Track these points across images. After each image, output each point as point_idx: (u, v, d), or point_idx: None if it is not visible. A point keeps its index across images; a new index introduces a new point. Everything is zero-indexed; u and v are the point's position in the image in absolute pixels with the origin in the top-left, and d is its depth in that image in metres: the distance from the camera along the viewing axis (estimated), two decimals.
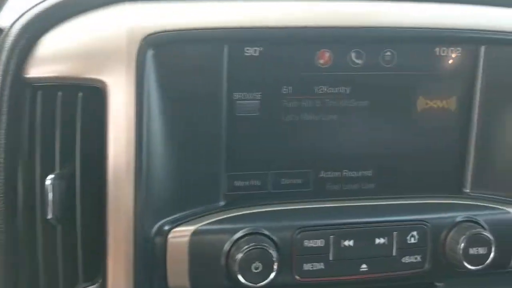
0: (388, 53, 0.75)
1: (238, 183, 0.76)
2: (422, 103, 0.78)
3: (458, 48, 0.77)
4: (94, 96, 0.67)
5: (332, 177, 0.78)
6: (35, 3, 0.68)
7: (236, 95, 0.73)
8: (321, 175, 0.78)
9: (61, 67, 0.67)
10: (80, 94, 0.67)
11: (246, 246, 0.68)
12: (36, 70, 0.67)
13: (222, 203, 0.75)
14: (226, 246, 0.70)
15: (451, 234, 0.76)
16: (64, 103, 0.68)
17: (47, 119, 0.68)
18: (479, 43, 0.77)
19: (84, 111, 0.67)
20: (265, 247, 0.69)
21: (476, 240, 0.74)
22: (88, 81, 0.66)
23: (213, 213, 0.73)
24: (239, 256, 0.68)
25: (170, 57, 0.68)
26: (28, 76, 0.67)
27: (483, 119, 0.80)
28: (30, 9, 0.68)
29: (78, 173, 0.68)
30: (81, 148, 0.68)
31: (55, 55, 0.67)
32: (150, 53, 0.66)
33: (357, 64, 0.75)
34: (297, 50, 0.73)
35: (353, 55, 0.75)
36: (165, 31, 0.67)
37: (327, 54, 0.74)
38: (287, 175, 0.77)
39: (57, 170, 0.68)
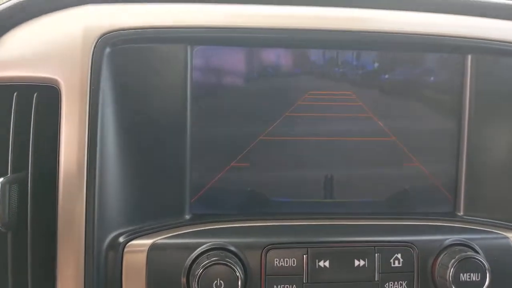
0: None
1: None
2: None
3: (444, 57, 0.73)
4: (50, 97, 0.64)
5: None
6: None
7: None
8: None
9: (17, 68, 0.65)
10: (36, 94, 0.64)
11: (207, 261, 0.62)
12: None
13: (187, 216, 0.70)
14: (187, 262, 0.64)
15: (440, 258, 0.68)
16: (21, 105, 0.65)
17: (3, 121, 0.65)
18: (465, 51, 0.72)
19: (40, 112, 0.64)
20: (228, 264, 0.62)
21: (467, 265, 0.66)
22: (43, 80, 0.64)
23: (176, 227, 0.67)
24: (199, 272, 0.62)
25: (129, 57, 0.66)
26: None
27: (474, 135, 0.74)
28: None
29: (30, 177, 0.64)
30: (35, 151, 0.64)
31: (12, 56, 0.66)
32: (107, 51, 0.64)
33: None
34: None
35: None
36: (123, 29, 0.64)
37: None
38: None
39: (9, 174, 0.64)
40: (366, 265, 0.67)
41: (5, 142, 0.65)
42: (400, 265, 0.67)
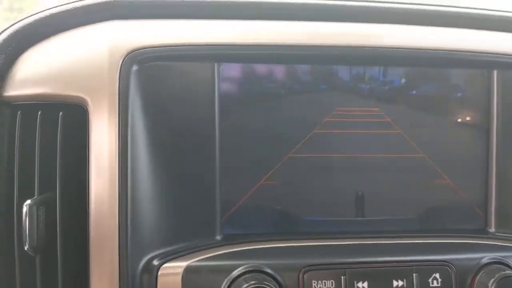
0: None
1: None
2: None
3: (471, 72, 0.72)
4: (76, 116, 0.62)
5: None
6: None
7: None
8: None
9: (41, 85, 0.63)
10: (61, 113, 0.62)
11: (246, 285, 0.60)
12: (16, 89, 0.63)
13: (218, 237, 0.67)
14: (224, 285, 0.62)
15: (478, 277, 0.67)
16: (45, 124, 0.62)
17: (27, 140, 0.62)
18: (490, 66, 0.72)
19: (66, 131, 0.62)
20: (268, 287, 0.60)
21: (507, 283, 0.65)
22: (69, 98, 0.62)
23: (209, 248, 0.65)
24: None
25: (155, 75, 0.64)
26: (7, 94, 0.63)
27: (503, 151, 0.73)
28: (7, 27, 0.65)
29: (58, 198, 0.61)
30: (62, 171, 0.61)
31: (35, 73, 0.63)
32: (134, 69, 0.62)
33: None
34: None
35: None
36: (150, 46, 0.62)
37: None
38: None
39: (36, 196, 0.61)
40: (405, 286, 0.65)
41: (30, 163, 0.62)
42: (439, 284, 0.66)
